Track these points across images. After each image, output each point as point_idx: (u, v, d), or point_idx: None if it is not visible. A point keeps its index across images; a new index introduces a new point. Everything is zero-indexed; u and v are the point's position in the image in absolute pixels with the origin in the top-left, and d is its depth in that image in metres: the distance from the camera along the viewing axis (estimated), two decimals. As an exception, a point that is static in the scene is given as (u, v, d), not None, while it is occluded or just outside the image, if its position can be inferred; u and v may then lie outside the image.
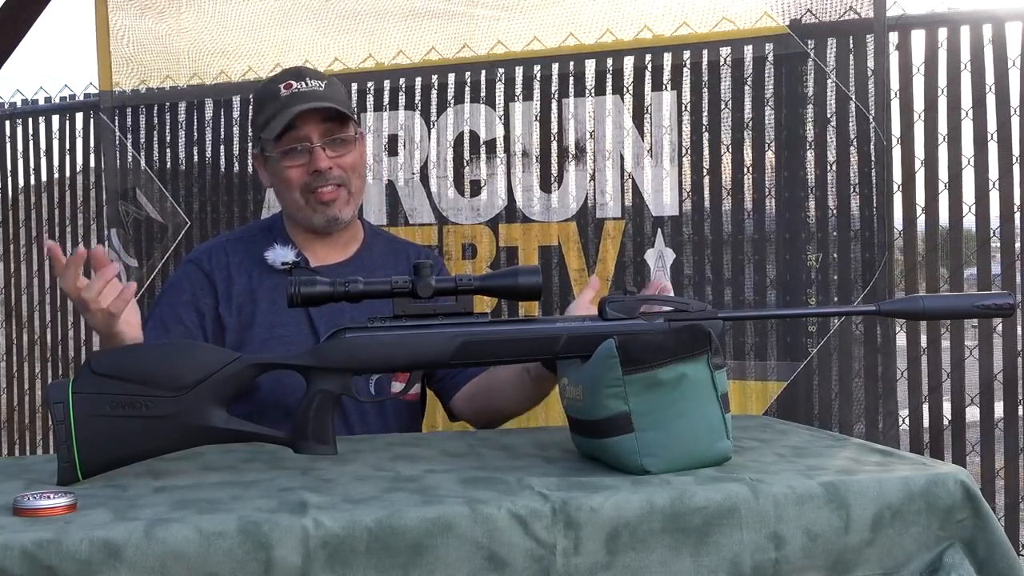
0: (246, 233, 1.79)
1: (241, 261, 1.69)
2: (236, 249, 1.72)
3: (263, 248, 1.66)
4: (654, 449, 1.15)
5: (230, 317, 1.65)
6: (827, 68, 2.33)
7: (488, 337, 1.26)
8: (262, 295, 1.66)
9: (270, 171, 1.70)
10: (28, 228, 4.18)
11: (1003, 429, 2.81)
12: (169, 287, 1.74)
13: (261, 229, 1.77)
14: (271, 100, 1.65)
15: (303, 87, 1.64)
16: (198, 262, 1.71)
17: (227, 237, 1.79)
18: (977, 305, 1.31)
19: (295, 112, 1.60)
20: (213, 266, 1.69)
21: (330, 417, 1.25)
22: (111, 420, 1.17)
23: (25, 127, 4.14)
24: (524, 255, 2.61)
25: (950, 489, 1.13)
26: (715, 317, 1.28)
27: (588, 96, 2.56)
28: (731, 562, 1.06)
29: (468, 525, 1.01)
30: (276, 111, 1.62)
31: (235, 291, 1.67)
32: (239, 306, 1.66)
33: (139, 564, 0.94)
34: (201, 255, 1.73)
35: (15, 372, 4.23)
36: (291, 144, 1.63)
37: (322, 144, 1.63)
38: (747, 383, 2.38)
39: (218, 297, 1.66)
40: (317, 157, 1.62)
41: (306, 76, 1.66)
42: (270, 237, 1.71)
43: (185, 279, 1.70)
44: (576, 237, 2.56)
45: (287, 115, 1.60)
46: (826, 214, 2.32)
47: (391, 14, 2.72)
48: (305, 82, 1.65)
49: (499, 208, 2.63)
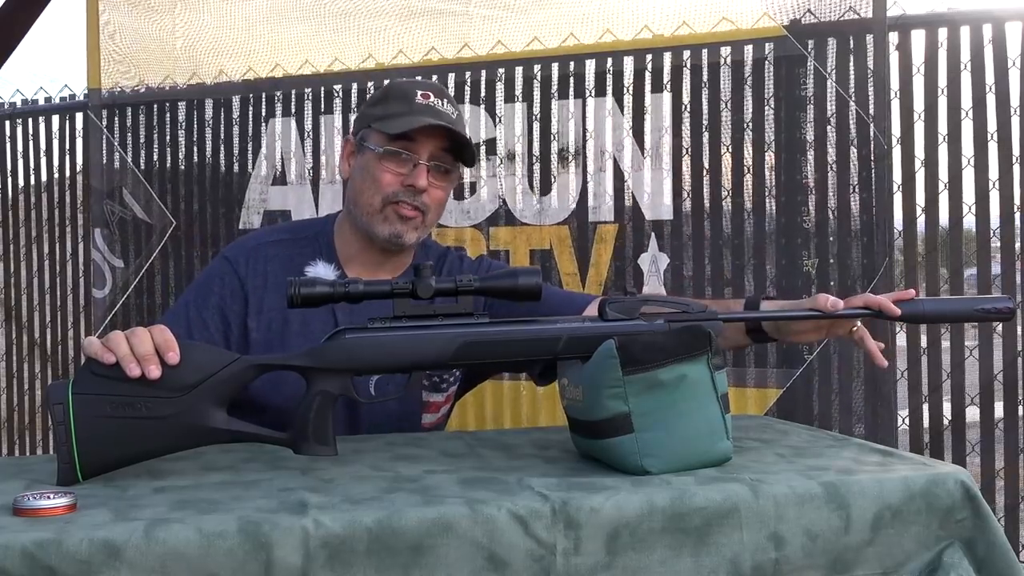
0: (290, 236, 1.68)
1: (279, 272, 1.61)
2: (276, 256, 1.63)
3: (306, 259, 1.60)
4: (654, 449, 1.15)
5: (257, 332, 1.58)
6: (827, 69, 2.33)
7: (488, 338, 1.26)
8: (294, 316, 1.58)
9: (359, 163, 1.61)
10: (28, 228, 4.18)
11: (1003, 430, 2.81)
12: (199, 284, 1.64)
13: (307, 236, 1.67)
14: (402, 98, 1.58)
15: (439, 105, 1.59)
16: (234, 263, 1.62)
17: (269, 238, 1.68)
18: (977, 309, 1.31)
19: (428, 122, 1.54)
20: (249, 272, 1.61)
21: (330, 418, 1.25)
22: (111, 421, 1.17)
23: (25, 127, 4.15)
24: (515, 258, 2.58)
25: (950, 489, 1.13)
26: (715, 318, 1.29)
27: (588, 97, 2.55)
28: (731, 562, 1.06)
29: (468, 525, 1.01)
30: (405, 111, 1.56)
31: (267, 305, 1.60)
32: (269, 322, 1.59)
33: (139, 564, 0.94)
34: (238, 255, 1.64)
35: (15, 372, 4.23)
36: (403, 149, 1.56)
37: (428, 165, 1.57)
38: (747, 390, 2.38)
39: (248, 307, 1.59)
40: (419, 173, 1.56)
41: (445, 97, 1.61)
42: (315, 248, 1.64)
43: (216, 279, 1.62)
44: (569, 241, 2.55)
45: (418, 120, 1.54)
46: (826, 216, 2.32)
47: (389, 13, 2.71)
48: (442, 102, 1.60)
49: (489, 211, 2.61)
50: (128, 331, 1.20)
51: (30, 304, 4.19)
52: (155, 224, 2.94)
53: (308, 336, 1.56)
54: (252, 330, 1.59)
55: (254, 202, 2.82)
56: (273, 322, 1.59)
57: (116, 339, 1.17)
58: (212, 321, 1.57)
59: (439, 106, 1.58)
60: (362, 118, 1.65)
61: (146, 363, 1.16)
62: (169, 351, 1.17)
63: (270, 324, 1.59)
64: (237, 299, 1.59)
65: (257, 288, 1.60)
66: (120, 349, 1.16)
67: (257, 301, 1.59)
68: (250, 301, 1.59)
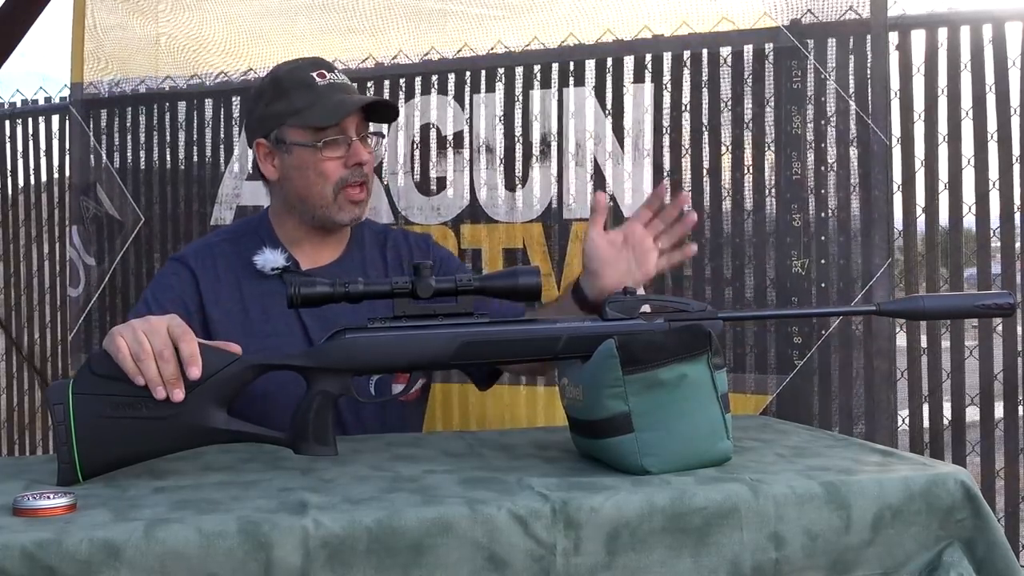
0: (232, 235, 1.73)
1: (228, 266, 1.65)
2: (222, 253, 1.67)
3: (251, 251, 1.62)
4: (654, 449, 1.15)
5: (218, 322, 1.61)
6: (827, 68, 2.33)
7: (488, 337, 1.26)
8: (252, 303, 1.63)
9: (291, 162, 1.62)
10: (28, 228, 4.18)
11: (1003, 430, 2.81)
12: (154, 284, 1.68)
13: (247, 231, 1.71)
14: (302, 88, 1.60)
15: (336, 78, 1.61)
16: (183, 260, 1.66)
17: (212, 240, 1.73)
18: (978, 305, 1.31)
19: (354, 105, 1.57)
20: (199, 267, 1.65)
21: (330, 418, 1.25)
22: (111, 421, 1.17)
23: (25, 127, 4.14)
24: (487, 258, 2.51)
25: (950, 489, 1.13)
26: (715, 317, 1.29)
27: (566, 88, 2.50)
28: (731, 562, 1.06)
29: (468, 525, 1.01)
30: (313, 100, 1.58)
31: (223, 297, 1.63)
32: (228, 312, 1.62)
33: (139, 564, 0.94)
34: (187, 254, 1.68)
35: (15, 372, 4.23)
36: (335, 136, 1.59)
37: (360, 139, 1.61)
38: (747, 396, 2.37)
39: (203, 298, 1.62)
40: (357, 150, 1.59)
41: (332, 67, 1.64)
42: (257, 239, 1.67)
43: (171, 276, 1.65)
44: (542, 239, 2.49)
45: (342, 109, 1.57)
46: (826, 216, 2.32)
47: (390, 12, 2.70)
48: (336, 74, 1.62)
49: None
50: (149, 329, 1.18)
51: (30, 304, 4.19)
52: (126, 220, 2.88)
53: (269, 321, 1.60)
54: (212, 319, 1.62)
55: (227, 197, 2.77)
56: (233, 312, 1.63)
57: (146, 359, 1.16)
58: (175, 312, 1.56)
59: (337, 79, 1.62)
60: (268, 119, 1.63)
61: (171, 387, 1.17)
62: (192, 366, 1.18)
63: (229, 313, 1.62)
64: (193, 290, 1.63)
65: (210, 281, 1.64)
66: (149, 371, 1.16)
67: (213, 294, 1.63)
68: (205, 294, 1.63)
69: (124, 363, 1.16)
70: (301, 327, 1.61)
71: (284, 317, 1.58)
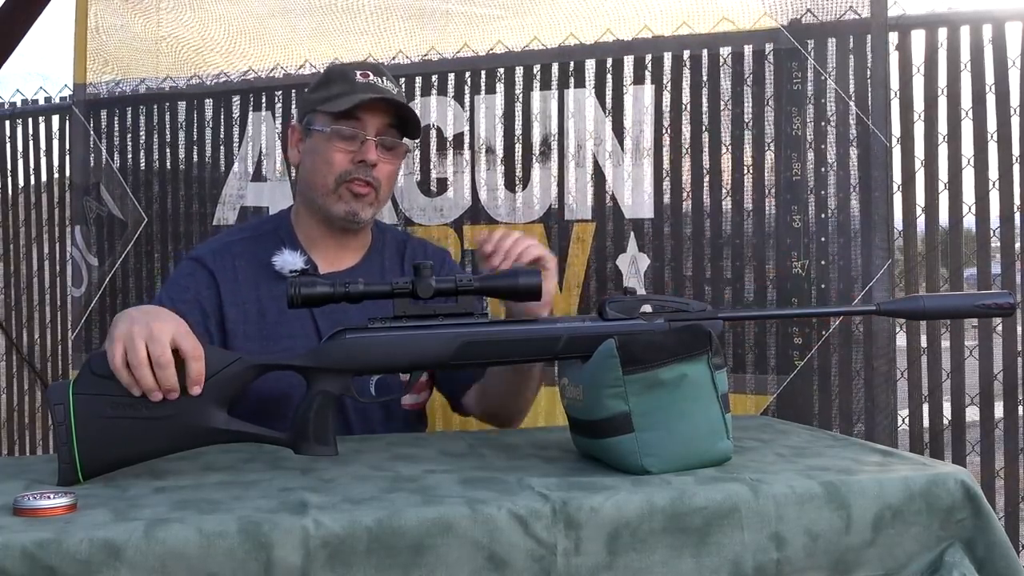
0: (251, 234, 1.71)
1: (247, 265, 1.64)
2: (242, 252, 1.66)
3: (270, 252, 1.62)
4: (654, 449, 1.15)
5: (235, 322, 1.60)
6: (826, 69, 2.33)
7: (488, 338, 1.26)
8: (270, 304, 1.61)
9: (308, 146, 1.65)
10: (28, 228, 4.18)
11: (1003, 430, 2.80)
12: (169, 284, 1.66)
13: (267, 231, 1.70)
14: (342, 80, 1.62)
15: (380, 82, 1.63)
16: (201, 260, 1.64)
17: (231, 238, 1.72)
18: (977, 304, 1.31)
19: (370, 97, 1.59)
20: (218, 267, 1.63)
21: (330, 418, 1.25)
22: (112, 421, 1.17)
23: (25, 127, 4.14)
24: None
25: (950, 489, 1.13)
26: (715, 317, 1.29)
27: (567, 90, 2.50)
28: (733, 562, 1.06)
29: (468, 525, 1.01)
30: (346, 91, 1.60)
31: (240, 298, 1.62)
32: (245, 313, 1.61)
33: (139, 564, 0.94)
34: (204, 254, 1.66)
35: (15, 372, 4.23)
36: (350, 126, 1.60)
37: (376, 140, 1.61)
38: (747, 396, 2.36)
39: (221, 298, 1.61)
40: (368, 148, 1.60)
41: (384, 75, 1.66)
42: (277, 239, 1.66)
43: (187, 276, 1.64)
44: (544, 240, 2.48)
45: (359, 97, 1.58)
46: (826, 216, 2.32)
47: (390, 12, 2.70)
48: (382, 79, 1.64)
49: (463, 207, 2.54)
50: (148, 336, 1.17)
51: (30, 304, 4.19)
52: (128, 221, 2.88)
53: (284, 323, 1.59)
54: (229, 320, 1.61)
55: (231, 198, 2.77)
56: (250, 313, 1.62)
57: (141, 367, 1.16)
58: (191, 314, 1.55)
59: (379, 83, 1.63)
60: (305, 104, 1.69)
61: (168, 395, 1.18)
62: (195, 385, 1.18)
63: (246, 315, 1.61)
64: (211, 291, 1.62)
65: (228, 282, 1.63)
66: (145, 380, 1.16)
67: (231, 293, 1.62)
68: (223, 293, 1.62)
69: (119, 374, 1.16)
70: (315, 329, 1.59)
71: (300, 320, 1.57)
